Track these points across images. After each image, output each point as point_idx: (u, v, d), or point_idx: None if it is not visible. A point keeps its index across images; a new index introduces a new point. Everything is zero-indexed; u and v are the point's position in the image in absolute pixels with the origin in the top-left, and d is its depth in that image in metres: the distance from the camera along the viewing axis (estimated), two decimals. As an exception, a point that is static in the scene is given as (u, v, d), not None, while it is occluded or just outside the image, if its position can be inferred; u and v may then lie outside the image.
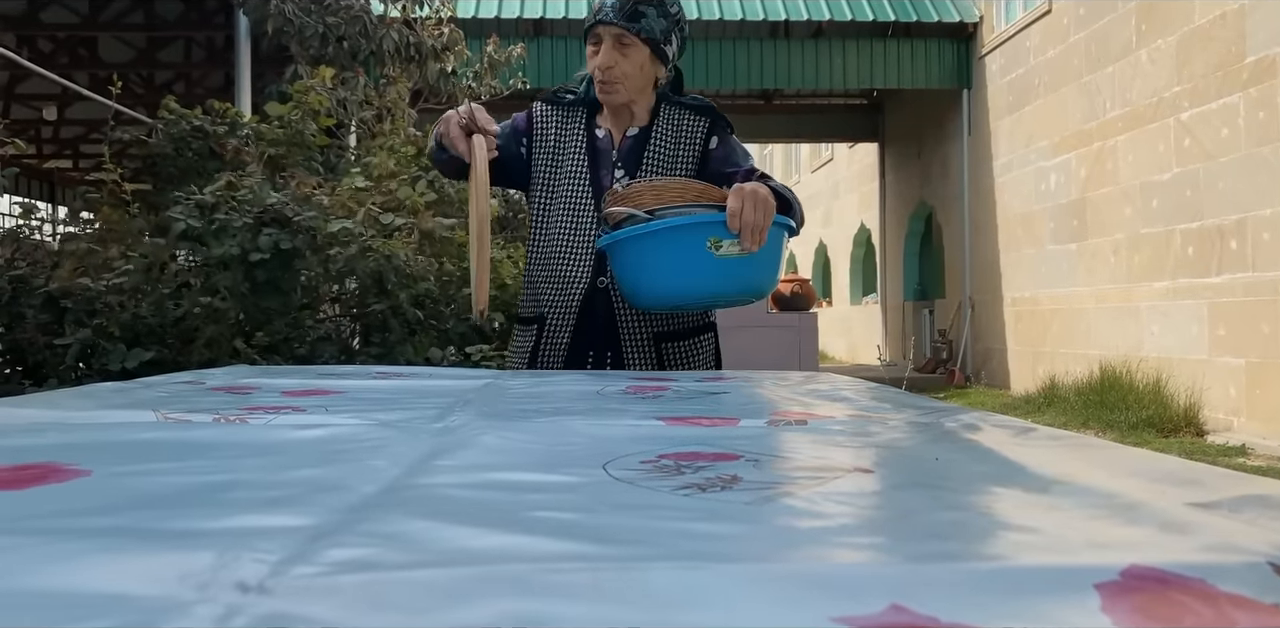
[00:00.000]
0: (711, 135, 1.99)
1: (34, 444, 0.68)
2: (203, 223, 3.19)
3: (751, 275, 1.64)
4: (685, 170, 1.95)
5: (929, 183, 12.43)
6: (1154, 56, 7.54)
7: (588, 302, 1.88)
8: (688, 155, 1.97)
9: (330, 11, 7.19)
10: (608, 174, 1.95)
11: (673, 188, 1.67)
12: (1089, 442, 0.74)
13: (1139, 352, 7.65)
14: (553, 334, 1.89)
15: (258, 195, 3.30)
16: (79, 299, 3.18)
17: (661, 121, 1.99)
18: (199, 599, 0.33)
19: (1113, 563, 0.36)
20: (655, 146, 1.96)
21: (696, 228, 1.57)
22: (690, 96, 2.03)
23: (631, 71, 1.87)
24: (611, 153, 1.97)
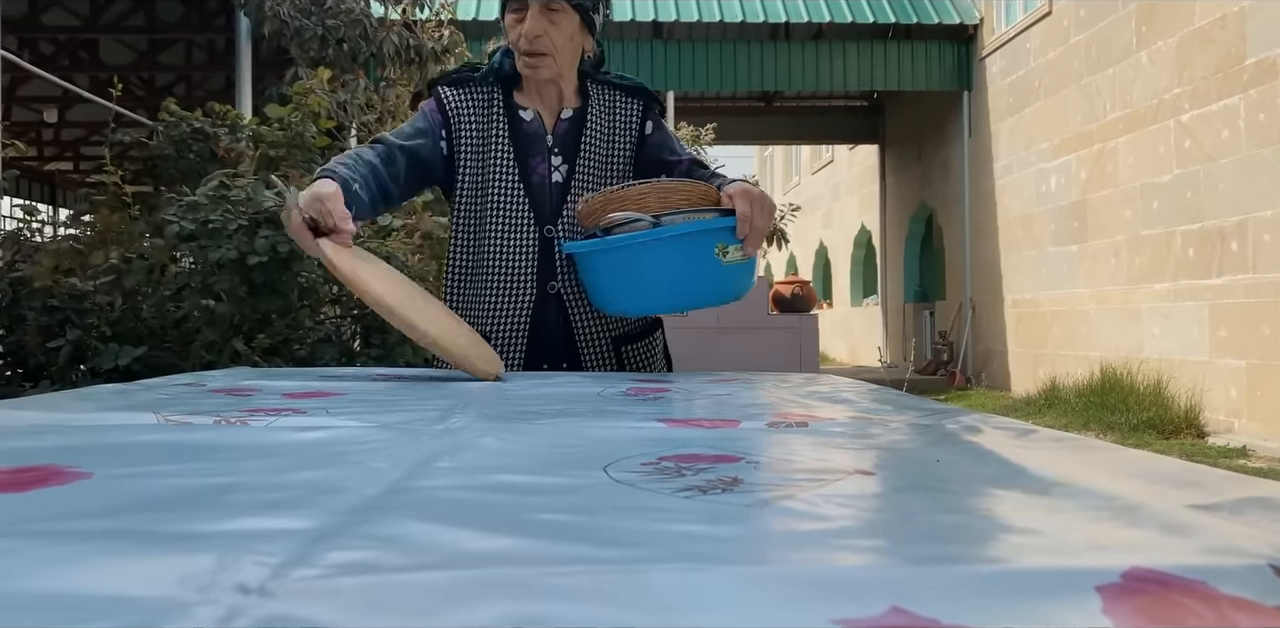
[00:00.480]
0: (646, 120, 1.82)
1: (34, 446, 0.68)
2: (197, 225, 3.19)
3: (748, 280, 1.60)
4: (622, 158, 1.79)
5: (929, 185, 12.44)
6: (1154, 58, 7.54)
7: (538, 310, 1.71)
8: (623, 141, 1.80)
9: (330, 14, 7.20)
10: (541, 162, 1.74)
11: (680, 190, 1.57)
12: (1090, 444, 0.74)
13: (1140, 353, 7.65)
14: (504, 351, 1.70)
15: (254, 198, 3.29)
16: (66, 298, 3.17)
17: (595, 103, 1.78)
18: (200, 601, 0.33)
19: (1114, 565, 0.36)
20: (592, 131, 1.77)
21: (708, 234, 1.50)
22: (616, 75, 1.84)
23: (561, 42, 1.67)
24: (546, 138, 1.75)
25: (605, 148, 1.79)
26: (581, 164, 1.76)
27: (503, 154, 1.73)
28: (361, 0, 7.40)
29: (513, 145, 1.74)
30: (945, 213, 11.97)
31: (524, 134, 1.75)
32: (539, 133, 1.75)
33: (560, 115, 1.76)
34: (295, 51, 7.20)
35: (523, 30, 1.64)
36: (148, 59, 11.58)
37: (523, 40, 1.65)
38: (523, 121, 1.75)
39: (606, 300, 1.61)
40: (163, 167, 4.43)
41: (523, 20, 1.64)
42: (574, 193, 1.74)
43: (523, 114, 1.75)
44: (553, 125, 1.76)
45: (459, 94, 1.75)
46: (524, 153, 1.74)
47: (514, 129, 1.75)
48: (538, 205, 1.73)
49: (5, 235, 3.75)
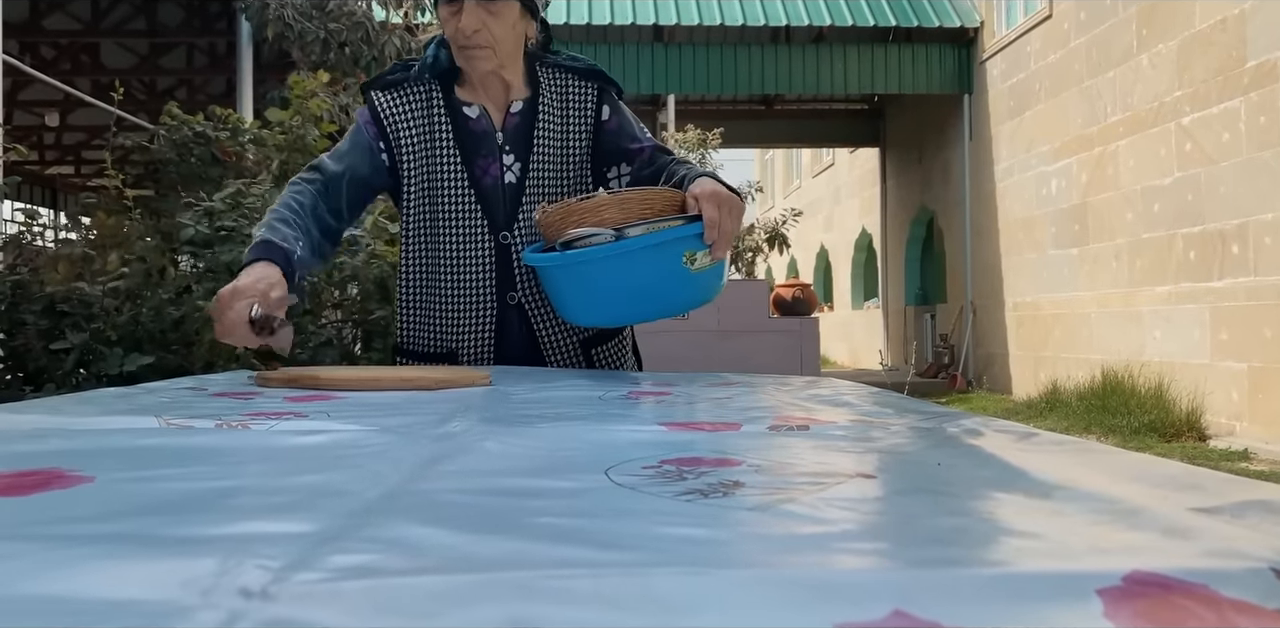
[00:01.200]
0: (602, 104, 1.68)
1: (36, 450, 0.69)
2: (211, 229, 3.20)
3: (718, 283, 1.52)
4: (579, 150, 1.66)
5: (930, 188, 12.44)
6: (1155, 61, 7.55)
7: (501, 322, 1.63)
8: (578, 129, 1.66)
9: (332, 17, 7.22)
10: (492, 162, 1.62)
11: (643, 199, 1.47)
12: (1091, 447, 0.74)
13: (1141, 356, 7.64)
14: (470, 366, 1.64)
15: (266, 202, 3.30)
16: (75, 303, 3.18)
17: (546, 90, 1.65)
18: (202, 605, 0.33)
19: (1115, 568, 0.36)
20: (545, 123, 1.64)
21: (675, 243, 1.41)
22: (567, 56, 1.70)
23: (501, 33, 1.55)
24: (495, 135, 1.63)
25: (560, 140, 1.66)
26: (536, 161, 1.63)
27: (448, 157, 1.62)
28: (363, 3, 7.42)
29: (458, 147, 1.62)
30: (946, 216, 11.97)
31: (470, 133, 1.63)
32: (487, 131, 1.63)
33: (509, 109, 1.64)
34: (297, 55, 7.22)
35: (459, 24, 1.52)
36: (149, 63, 11.61)
37: (460, 34, 1.53)
38: (468, 119, 1.63)
39: (574, 314, 1.53)
40: (164, 170, 4.44)
41: (458, 13, 1.52)
42: (529, 193, 1.63)
43: (467, 111, 1.63)
44: (502, 121, 1.64)
45: (393, 97, 1.63)
46: (471, 154, 1.62)
47: (458, 128, 1.63)
48: (491, 210, 1.62)
49: (7, 240, 3.75)
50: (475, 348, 1.65)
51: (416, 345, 1.71)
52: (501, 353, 1.65)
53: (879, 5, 11.13)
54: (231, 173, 4.31)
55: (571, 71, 1.68)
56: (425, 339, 1.69)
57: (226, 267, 3.17)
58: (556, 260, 1.45)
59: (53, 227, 4.75)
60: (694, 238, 1.42)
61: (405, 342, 1.73)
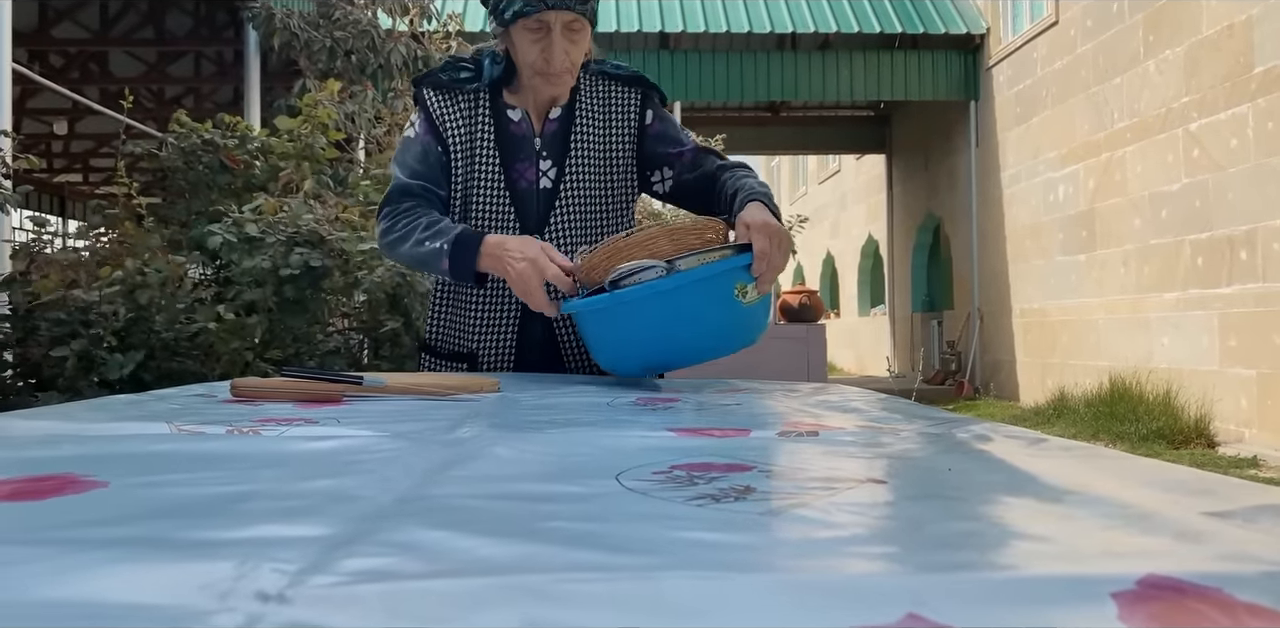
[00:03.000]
0: (645, 109, 1.71)
1: (50, 456, 0.69)
2: (239, 239, 3.22)
3: (765, 319, 1.44)
4: (622, 155, 1.69)
5: (937, 194, 12.44)
6: (1162, 67, 7.54)
7: (523, 327, 1.66)
8: (622, 135, 1.69)
9: (338, 26, 7.25)
10: (529, 166, 1.65)
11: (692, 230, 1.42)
12: (1101, 452, 0.74)
13: (1149, 363, 7.62)
14: (490, 369, 1.66)
15: (293, 213, 3.33)
16: (71, 310, 3.19)
17: (586, 96, 1.68)
18: (219, 609, 0.33)
19: (1129, 572, 0.36)
20: (582, 127, 1.67)
21: (728, 274, 1.34)
22: (610, 64, 1.73)
23: (578, 58, 1.61)
24: (533, 140, 1.66)
25: (600, 145, 1.68)
26: (572, 166, 1.66)
27: (488, 159, 1.64)
28: (369, 12, 7.45)
29: (498, 150, 1.65)
30: (953, 222, 11.96)
31: (511, 136, 1.66)
32: (527, 135, 1.66)
33: (549, 115, 1.67)
34: (304, 63, 7.25)
35: (545, 52, 1.56)
36: (157, 71, 11.66)
37: (542, 62, 1.57)
38: (510, 122, 1.66)
39: (619, 361, 1.42)
40: (173, 178, 4.46)
41: (539, 41, 1.56)
42: (563, 199, 1.66)
43: (511, 114, 1.66)
44: (541, 126, 1.67)
45: (443, 97, 1.66)
46: (510, 157, 1.65)
47: (500, 131, 1.65)
48: (523, 214, 1.65)
49: (18, 248, 3.77)
50: (496, 350, 1.67)
51: (441, 344, 1.75)
52: (521, 357, 1.68)
53: (885, 12, 11.14)
54: (239, 181, 4.33)
55: (614, 78, 1.71)
56: (450, 338, 1.73)
57: (253, 277, 3.18)
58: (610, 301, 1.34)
59: (61, 235, 4.77)
60: (745, 269, 1.36)
61: (432, 339, 1.77)
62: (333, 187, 4.68)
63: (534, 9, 1.53)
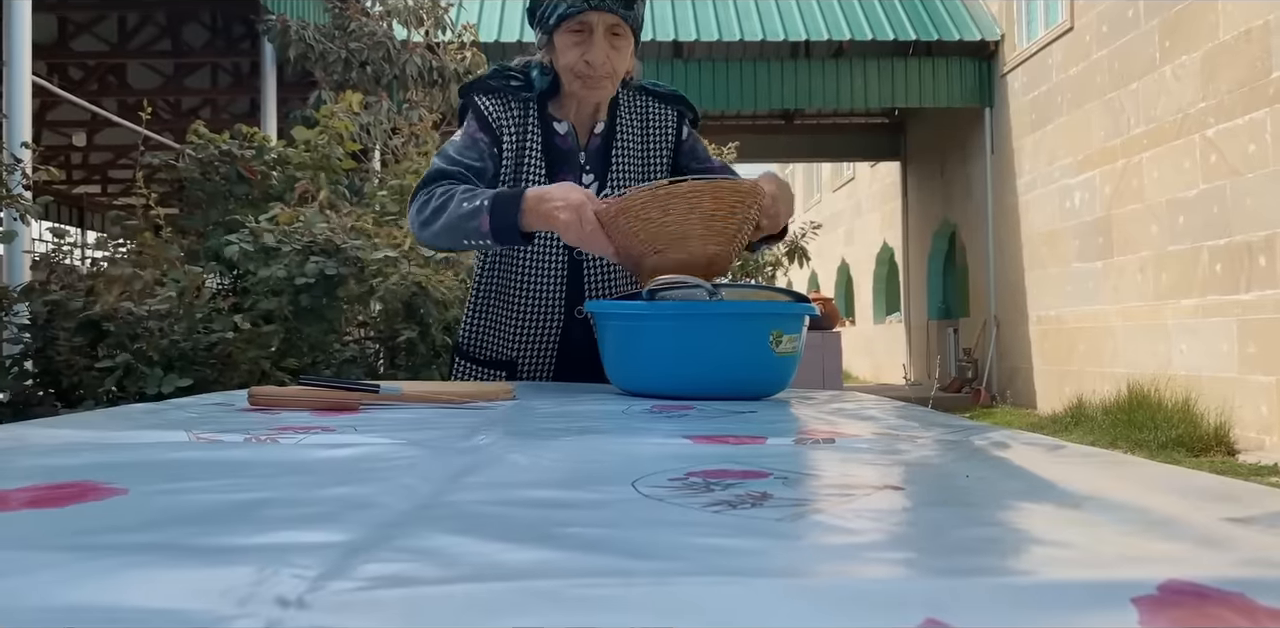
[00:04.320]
0: (681, 126, 1.74)
1: (71, 463, 0.69)
2: (255, 249, 3.25)
3: (790, 375, 1.36)
4: (657, 170, 1.71)
5: (952, 201, 12.40)
6: (1178, 73, 7.51)
7: (565, 335, 1.67)
8: (659, 151, 1.72)
9: (353, 37, 7.30)
10: (573, 180, 1.65)
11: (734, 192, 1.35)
12: (1120, 459, 0.73)
13: (1167, 370, 7.57)
14: (531, 375, 1.67)
15: (307, 222, 3.35)
16: (121, 323, 3.22)
17: (626, 112, 1.70)
18: (239, 614, 0.33)
19: (1150, 577, 0.36)
20: (622, 143, 1.68)
21: (768, 318, 1.29)
22: (649, 81, 1.76)
23: (620, 66, 1.60)
24: (578, 154, 1.67)
25: (639, 160, 1.70)
26: (613, 181, 1.67)
27: (534, 171, 1.64)
28: (384, 23, 7.49)
29: (545, 162, 1.65)
30: (968, 229, 11.93)
31: (556, 149, 1.66)
32: (572, 149, 1.67)
33: (594, 130, 1.68)
34: (319, 74, 7.30)
35: (586, 55, 1.56)
36: (174, 83, 11.75)
37: (583, 65, 1.57)
38: (556, 135, 1.66)
39: (627, 373, 1.36)
40: (190, 189, 4.50)
41: (582, 43, 1.57)
42: None
43: (557, 127, 1.67)
44: (586, 140, 1.68)
45: (495, 103, 1.65)
46: (556, 170, 1.66)
47: (547, 143, 1.66)
48: None
49: (39, 259, 3.81)
50: (537, 359, 1.68)
51: (479, 351, 1.74)
52: (562, 365, 1.68)
53: (899, 19, 11.14)
54: (256, 191, 4.36)
55: (653, 95, 1.74)
56: (489, 345, 1.73)
57: (269, 286, 3.20)
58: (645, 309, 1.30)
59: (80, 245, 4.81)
60: (792, 318, 1.32)
61: (468, 345, 1.76)
62: (349, 197, 4.71)
63: (577, 9, 1.54)
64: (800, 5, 11.37)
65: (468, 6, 10.43)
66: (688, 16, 11.15)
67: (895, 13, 11.24)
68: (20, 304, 3.36)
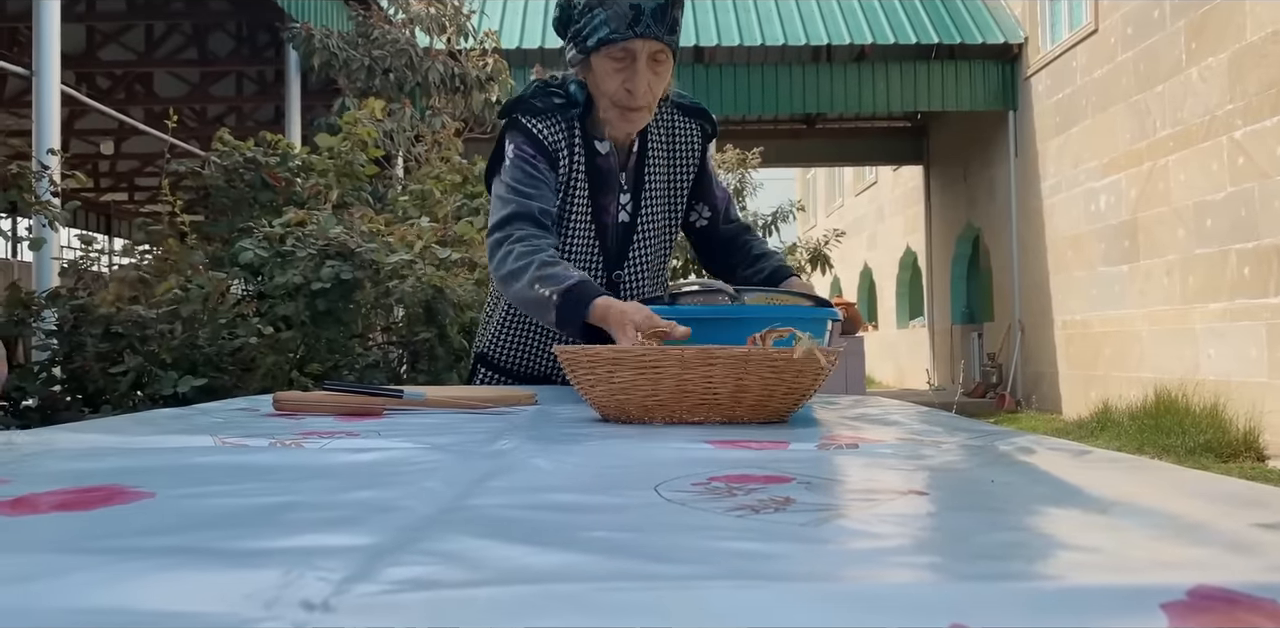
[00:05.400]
0: (705, 143, 1.72)
1: (98, 468, 0.70)
2: (270, 254, 3.27)
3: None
4: (682, 185, 1.69)
5: (976, 205, 12.34)
6: (1205, 75, 7.44)
7: None
8: (685, 167, 1.69)
9: (376, 45, 7.35)
10: (612, 201, 1.62)
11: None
12: (1148, 464, 0.72)
13: (1195, 375, 7.49)
14: None
15: (322, 227, 3.37)
16: (130, 326, 3.25)
17: (654, 126, 1.66)
18: (265, 617, 0.33)
19: (1179, 583, 0.35)
20: (654, 160, 1.65)
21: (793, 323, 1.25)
22: (674, 92, 1.70)
23: (659, 92, 1.57)
24: (619, 174, 1.63)
25: (667, 177, 1.67)
26: (646, 199, 1.65)
27: (579, 191, 1.60)
28: (407, 31, 7.54)
29: (589, 182, 1.61)
30: (992, 233, 11.86)
31: (598, 169, 1.61)
32: (613, 168, 1.63)
33: (632, 149, 1.64)
34: (343, 82, 7.35)
35: (627, 83, 1.51)
36: (200, 91, 11.87)
37: (624, 94, 1.52)
38: (598, 155, 1.61)
39: None
40: (215, 196, 4.54)
41: (623, 70, 1.51)
42: (640, 232, 1.65)
43: (599, 146, 1.61)
44: (626, 159, 1.64)
45: (547, 125, 1.58)
46: (598, 190, 1.62)
47: (589, 163, 1.61)
48: (607, 248, 1.64)
49: (67, 265, 3.85)
50: None
51: (511, 363, 1.71)
52: None
53: (921, 23, 11.10)
54: (281, 198, 4.39)
55: (679, 108, 1.69)
56: (521, 359, 1.70)
57: (285, 290, 3.23)
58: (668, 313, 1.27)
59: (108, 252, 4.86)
60: (814, 322, 1.30)
61: (498, 358, 1.73)
62: (372, 203, 4.74)
63: (621, 37, 1.48)
64: (822, 9, 11.35)
65: (489, 13, 10.48)
66: (708, 21, 11.15)
67: (917, 16, 11.20)
68: (48, 310, 3.40)
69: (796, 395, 1.04)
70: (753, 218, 10.08)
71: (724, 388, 1.01)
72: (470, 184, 5.36)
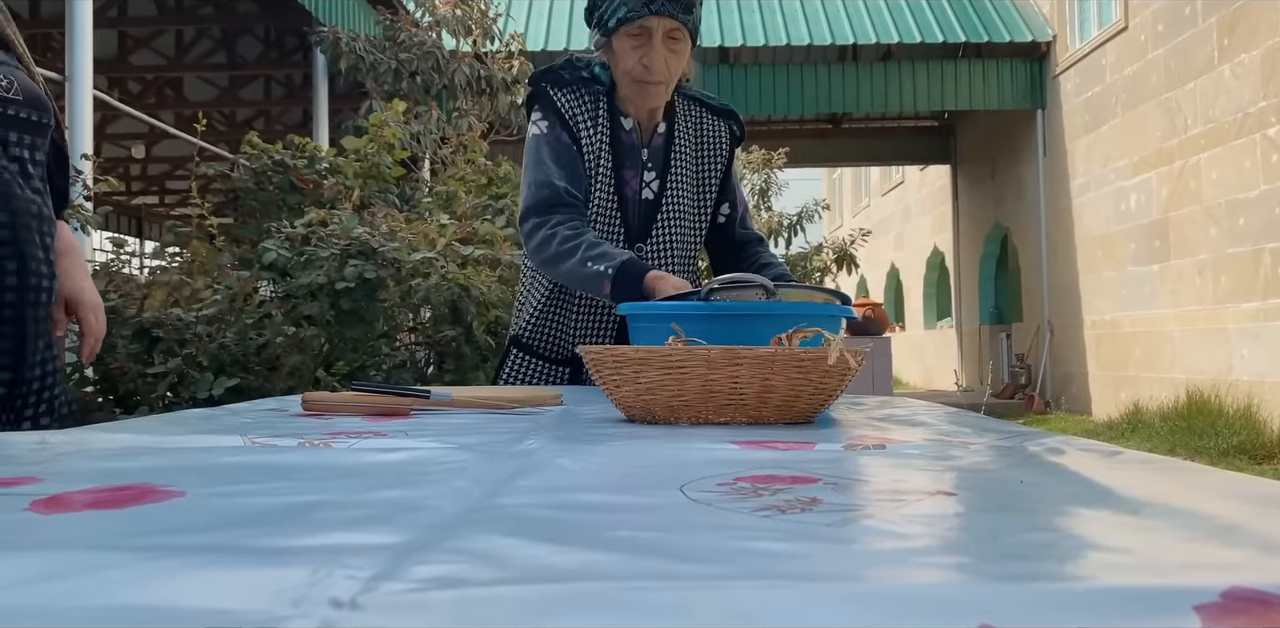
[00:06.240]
0: (734, 144, 1.79)
1: (130, 467, 0.71)
2: (293, 254, 3.29)
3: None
4: (712, 178, 1.75)
5: (1004, 204, 12.24)
6: (1238, 71, 7.35)
7: (621, 333, 1.67)
8: (713, 164, 1.75)
9: (403, 48, 7.38)
10: (634, 175, 1.69)
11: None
12: (1180, 465, 0.71)
13: (1228, 375, 7.39)
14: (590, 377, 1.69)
15: (344, 227, 3.39)
16: (169, 329, 3.28)
17: (682, 119, 1.73)
18: (294, 614, 0.33)
19: (1212, 584, 0.35)
20: (681, 148, 1.71)
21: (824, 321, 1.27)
22: (700, 91, 1.79)
23: (676, 70, 1.64)
24: (641, 151, 1.69)
25: (694, 169, 1.73)
26: (672, 180, 1.70)
27: (602, 163, 1.66)
28: (433, 34, 7.57)
29: (611, 155, 1.67)
30: (1021, 233, 11.76)
31: (621, 143, 1.68)
32: (635, 144, 1.69)
33: (656, 130, 1.71)
34: (370, 85, 7.40)
35: (644, 59, 1.59)
36: (229, 95, 11.98)
37: (641, 69, 1.60)
38: (622, 130, 1.68)
39: None
40: (244, 198, 4.58)
41: (640, 47, 1.59)
42: (664, 211, 1.70)
43: (624, 122, 1.69)
44: (648, 138, 1.71)
45: (571, 97, 1.67)
46: (620, 164, 1.68)
47: (614, 137, 1.67)
48: (629, 222, 1.68)
49: (99, 267, 3.90)
50: None
51: (540, 345, 1.76)
52: None
53: (948, 21, 11.03)
54: (309, 200, 4.42)
55: (707, 107, 1.77)
56: (549, 340, 1.75)
57: (308, 290, 3.25)
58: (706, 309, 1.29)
59: (139, 255, 4.92)
60: (837, 320, 1.32)
61: (528, 339, 1.77)
62: (399, 205, 4.76)
63: (637, 14, 1.57)
64: (847, 8, 11.30)
65: (515, 16, 10.52)
66: (733, 21, 11.14)
67: (944, 14, 11.13)
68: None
69: (823, 396, 1.04)
70: (777, 218, 10.05)
71: (750, 388, 1.01)
72: (495, 186, 5.38)
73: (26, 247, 1.35)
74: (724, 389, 1.01)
